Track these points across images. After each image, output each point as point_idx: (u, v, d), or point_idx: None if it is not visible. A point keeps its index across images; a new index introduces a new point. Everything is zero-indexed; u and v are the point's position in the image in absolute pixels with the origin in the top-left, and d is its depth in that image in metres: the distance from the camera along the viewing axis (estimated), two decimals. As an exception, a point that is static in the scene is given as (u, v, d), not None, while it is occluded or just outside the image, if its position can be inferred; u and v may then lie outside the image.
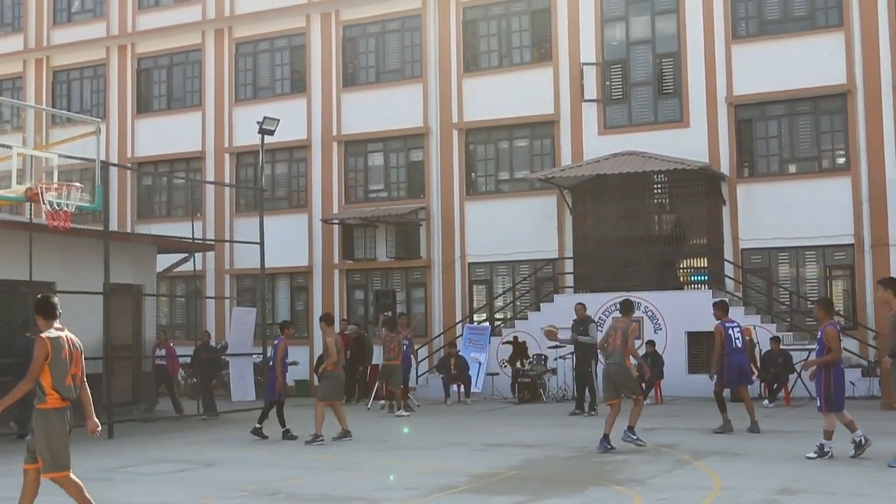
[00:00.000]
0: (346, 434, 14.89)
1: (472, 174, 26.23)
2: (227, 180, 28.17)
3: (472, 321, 24.99)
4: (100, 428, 8.30)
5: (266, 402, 16.15)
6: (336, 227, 27.04)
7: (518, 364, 22.45)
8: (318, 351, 25.48)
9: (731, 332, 15.14)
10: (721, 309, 15.45)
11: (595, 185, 23.85)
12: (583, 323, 18.57)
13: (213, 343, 22.38)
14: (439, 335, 25.14)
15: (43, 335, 7.90)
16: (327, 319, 15.71)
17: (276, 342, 16.05)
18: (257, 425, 15.62)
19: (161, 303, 26.11)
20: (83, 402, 8.06)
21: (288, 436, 15.30)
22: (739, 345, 15.17)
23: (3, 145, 15.93)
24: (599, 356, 16.82)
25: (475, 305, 25.69)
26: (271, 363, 15.96)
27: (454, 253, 25.81)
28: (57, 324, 8.10)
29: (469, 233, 25.75)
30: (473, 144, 26.27)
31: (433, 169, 26.29)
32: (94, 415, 8.15)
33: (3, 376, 17.03)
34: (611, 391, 13.41)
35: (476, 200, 25.90)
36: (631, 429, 13.28)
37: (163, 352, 20.60)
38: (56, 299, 8.27)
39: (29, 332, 17.53)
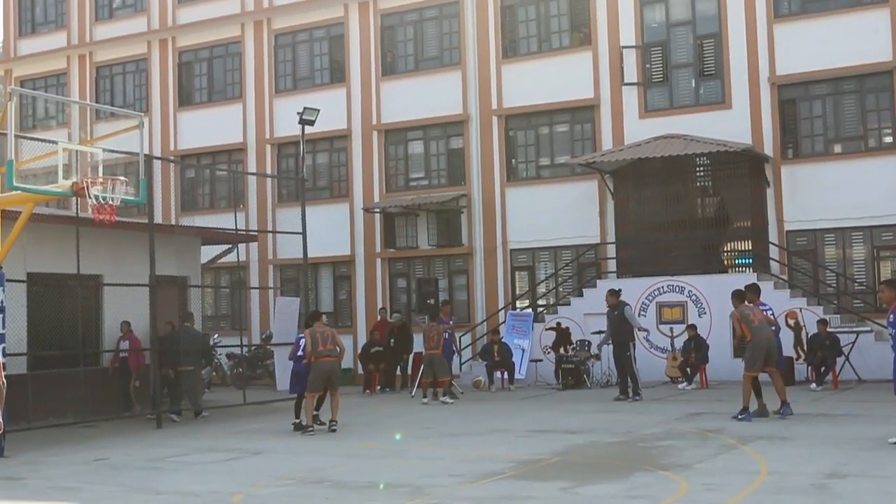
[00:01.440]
0: (304, 427, 15.01)
1: (513, 160, 26.16)
2: (268, 171, 28.35)
3: (514, 308, 24.96)
4: None
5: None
6: (377, 216, 27.12)
7: (561, 350, 22.41)
8: (363, 339, 25.73)
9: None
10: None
11: (636, 169, 23.68)
12: (616, 308, 18.53)
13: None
14: (482, 322, 25.15)
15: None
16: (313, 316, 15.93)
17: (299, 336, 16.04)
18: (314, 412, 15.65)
19: (206, 294, 26.41)
20: None
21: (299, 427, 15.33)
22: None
23: (49, 141, 16.17)
24: (639, 338, 16.99)
25: (518, 292, 25.64)
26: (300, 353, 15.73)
27: (496, 239, 25.78)
28: None
29: (510, 219, 25.70)
30: (513, 130, 26.19)
31: (473, 156, 26.25)
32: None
33: (52, 368, 17.38)
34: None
35: (517, 187, 25.83)
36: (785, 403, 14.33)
37: (126, 344, 18.86)
38: None
39: (188, 322, 18.84)
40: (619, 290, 19.15)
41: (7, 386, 13.25)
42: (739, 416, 14.32)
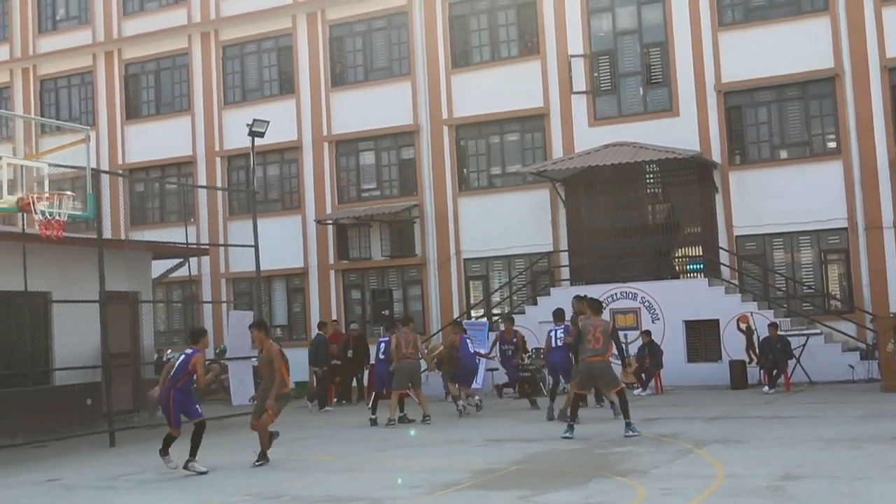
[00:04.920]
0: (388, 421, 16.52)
1: (465, 170, 26.23)
2: (219, 184, 28.14)
3: (469, 317, 24.98)
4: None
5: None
6: (330, 228, 27.02)
7: (517, 359, 22.40)
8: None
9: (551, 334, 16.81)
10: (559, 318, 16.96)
11: (587, 176, 23.85)
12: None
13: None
14: (437, 332, 25.13)
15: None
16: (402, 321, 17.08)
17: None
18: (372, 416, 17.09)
19: (158, 309, 26.10)
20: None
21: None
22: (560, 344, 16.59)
23: (-7, 156, 15.88)
24: None
25: (472, 301, 25.68)
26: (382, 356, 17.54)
27: (449, 249, 25.82)
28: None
29: (463, 229, 25.76)
30: (464, 140, 26.27)
31: (425, 166, 26.28)
32: None
33: (1, 388, 17.05)
34: (587, 384, 14.12)
35: (469, 196, 25.90)
36: (630, 425, 13.40)
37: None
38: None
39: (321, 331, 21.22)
40: (585, 296, 19.11)
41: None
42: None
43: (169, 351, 24.91)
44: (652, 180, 24.23)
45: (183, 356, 12.51)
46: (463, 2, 26.34)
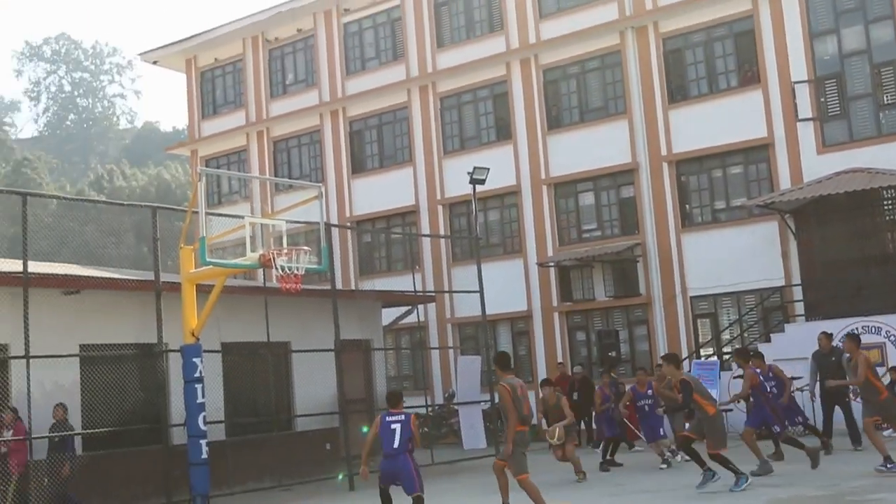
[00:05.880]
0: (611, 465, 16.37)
1: (687, 206, 25.67)
2: (441, 231, 28.79)
3: (698, 356, 24.28)
4: None
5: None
6: (552, 270, 27.06)
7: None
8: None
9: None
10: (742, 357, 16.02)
11: (818, 206, 22.77)
12: (832, 354, 17.49)
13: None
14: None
15: (503, 383, 11.62)
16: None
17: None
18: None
19: (388, 356, 26.88)
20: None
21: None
22: None
23: (235, 216, 16.97)
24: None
25: (701, 340, 24.97)
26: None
27: (674, 287, 25.26)
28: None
29: (688, 266, 25.15)
30: (685, 175, 25.74)
31: (646, 204, 25.91)
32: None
33: (248, 434, 18.00)
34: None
35: (693, 232, 25.29)
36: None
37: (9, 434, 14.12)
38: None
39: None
40: (831, 335, 18.25)
41: (209, 452, 13.86)
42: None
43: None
44: (890, 206, 22.82)
45: (400, 420, 11.60)
46: (677, 36, 25.95)
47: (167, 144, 52.70)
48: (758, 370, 16.11)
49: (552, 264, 26.87)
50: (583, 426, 22.85)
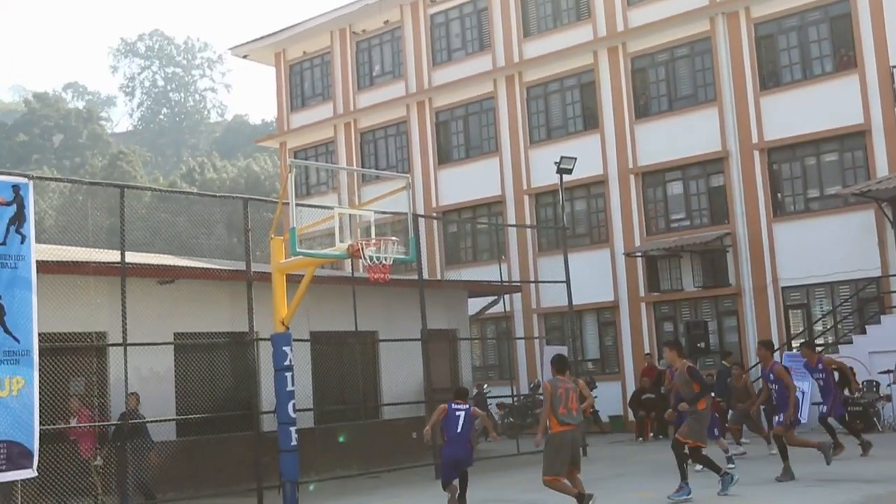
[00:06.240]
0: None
1: (779, 194, 25.12)
2: (527, 221, 28.71)
3: (790, 348, 23.77)
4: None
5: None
6: (639, 260, 26.77)
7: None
8: (631, 386, 25.36)
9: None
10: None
11: (918, 194, 22.10)
12: None
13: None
14: (754, 365, 24.10)
15: (547, 381, 11.63)
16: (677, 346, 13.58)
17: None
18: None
19: (474, 345, 26.95)
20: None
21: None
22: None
23: (325, 207, 17.19)
24: None
25: (792, 332, 24.45)
26: None
27: (765, 278, 24.76)
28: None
29: (780, 256, 24.63)
30: (777, 164, 25.19)
31: (736, 193, 25.45)
32: None
33: (336, 422, 18.22)
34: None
35: (785, 221, 24.75)
36: None
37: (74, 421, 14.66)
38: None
39: (725, 360, 19.78)
40: None
41: (298, 439, 14.08)
42: None
43: (486, 386, 25.66)
44: None
45: (464, 409, 12.66)
46: (770, 21, 25.38)
47: (256, 137, 53.58)
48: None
49: (639, 254, 26.58)
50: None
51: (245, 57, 36.81)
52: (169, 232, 37.34)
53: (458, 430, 12.47)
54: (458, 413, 12.54)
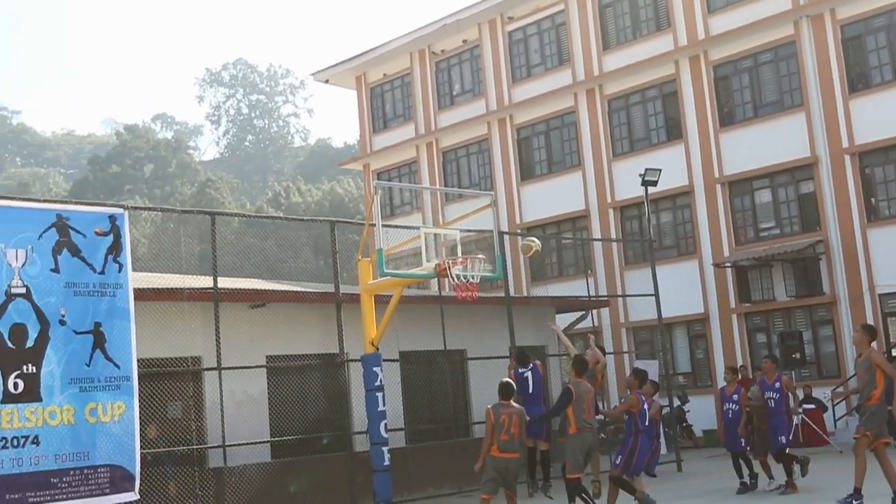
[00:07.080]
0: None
1: (872, 199, 24.48)
2: (612, 234, 28.47)
3: (890, 358, 23.06)
4: None
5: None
6: (729, 271, 26.32)
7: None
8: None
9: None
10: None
11: None
12: None
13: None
14: (852, 377, 23.47)
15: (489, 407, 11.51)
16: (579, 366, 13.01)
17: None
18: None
19: (563, 361, 26.75)
20: None
21: None
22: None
23: (410, 227, 17.29)
24: None
25: (892, 340, 23.74)
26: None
27: (861, 285, 24.12)
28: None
29: (876, 262, 23.97)
30: (870, 167, 24.56)
31: (827, 199, 24.87)
32: None
33: (428, 441, 18.27)
34: None
35: (879, 227, 24.10)
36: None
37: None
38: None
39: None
40: None
41: (391, 459, 14.16)
42: None
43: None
44: None
45: (531, 371, 14.51)
46: (857, 22, 24.81)
47: (339, 160, 54.23)
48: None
49: (729, 265, 26.13)
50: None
51: (326, 82, 37.33)
52: (257, 256, 38.03)
53: (531, 391, 13.43)
54: (525, 375, 13.55)
